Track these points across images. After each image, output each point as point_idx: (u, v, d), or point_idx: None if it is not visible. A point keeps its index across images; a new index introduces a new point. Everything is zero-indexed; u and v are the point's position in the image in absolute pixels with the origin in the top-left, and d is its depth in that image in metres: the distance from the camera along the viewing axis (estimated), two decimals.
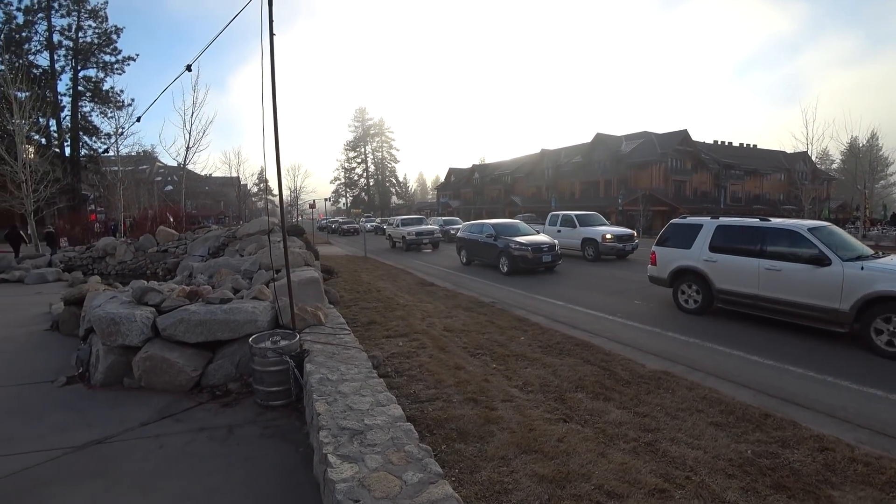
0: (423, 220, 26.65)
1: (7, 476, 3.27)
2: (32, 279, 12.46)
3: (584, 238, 16.40)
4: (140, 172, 41.97)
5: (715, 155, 54.17)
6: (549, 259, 13.36)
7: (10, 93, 18.64)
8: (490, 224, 15.22)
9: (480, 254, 15.17)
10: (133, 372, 4.66)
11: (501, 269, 13.67)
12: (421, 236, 22.91)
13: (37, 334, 6.92)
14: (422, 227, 23.75)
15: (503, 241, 13.76)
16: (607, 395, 4.63)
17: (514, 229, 14.60)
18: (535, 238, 13.95)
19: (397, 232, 24.30)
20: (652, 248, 9.32)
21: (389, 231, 26.14)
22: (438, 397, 4.57)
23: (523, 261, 13.06)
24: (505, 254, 13.50)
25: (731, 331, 7.24)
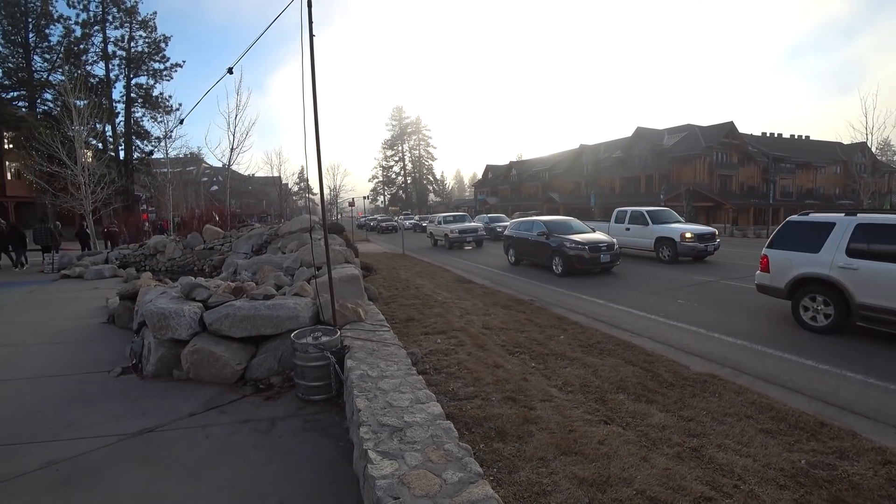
0: (465, 217, 25.69)
1: (69, 459, 3.45)
2: (91, 275, 13.20)
3: (658, 237, 14.60)
4: (187, 173, 43.89)
5: (763, 147, 51.63)
6: (607, 259, 12.34)
7: (71, 101, 19.81)
8: (541, 221, 14.19)
9: (530, 253, 14.25)
10: (182, 364, 4.84)
11: (554, 269, 12.78)
12: (464, 234, 22.05)
13: (95, 327, 7.32)
14: (465, 225, 22.87)
15: (556, 239, 12.85)
16: (650, 397, 4.47)
17: (567, 227, 13.65)
18: (591, 236, 12.87)
19: (439, 230, 23.56)
20: (763, 252, 7.99)
21: (431, 229, 25.39)
22: (477, 395, 4.53)
23: (579, 261, 12.12)
24: (558, 253, 12.60)
25: (783, 332, 6.83)
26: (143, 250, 15.38)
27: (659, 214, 15.56)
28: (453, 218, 24.64)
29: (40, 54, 34.93)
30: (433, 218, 27.00)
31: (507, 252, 15.60)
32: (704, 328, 7.19)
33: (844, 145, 56.59)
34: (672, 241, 14.10)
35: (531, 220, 14.85)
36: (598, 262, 12.24)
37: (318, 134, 4.81)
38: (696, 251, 14.00)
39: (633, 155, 51.13)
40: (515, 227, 15.37)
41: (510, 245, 15.35)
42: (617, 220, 16.44)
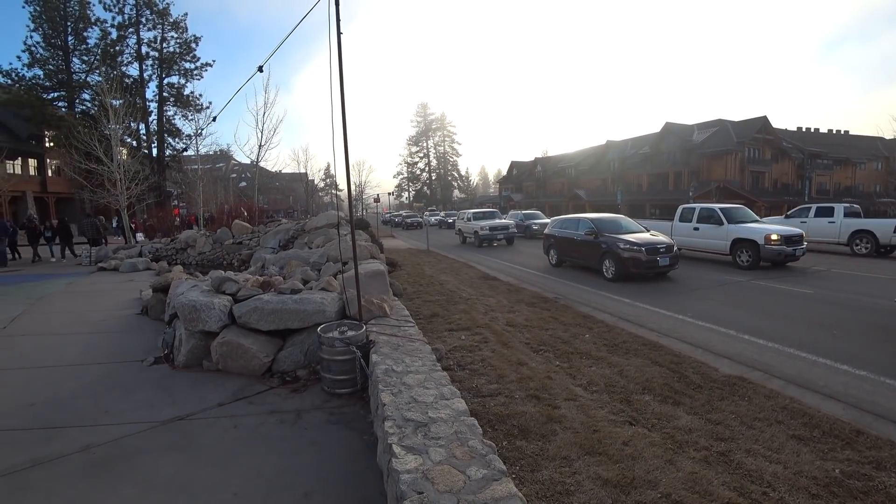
0: (495, 213, 24.55)
1: (105, 443, 3.59)
2: (126, 268, 13.67)
3: (736, 238, 12.73)
4: (217, 170, 45.03)
5: (799, 143, 49.83)
6: (665, 262, 11.05)
7: (107, 101, 20.54)
8: (589, 219, 12.85)
9: (575, 254, 13.07)
10: (211, 355, 4.97)
11: (605, 273, 11.58)
12: (494, 232, 21.09)
13: (129, 317, 7.57)
14: (495, 222, 21.89)
15: (608, 239, 11.59)
16: (677, 398, 4.39)
17: (618, 225, 12.40)
18: (647, 236, 11.59)
19: (469, 226, 22.69)
20: None
21: (460, 225, 24.45)
22: (500, 393, 4.53)
23: (635, 264, 10.86)
24: (610, 255, 11.39)
25: (817, 337, 6.52)
26: (174, 244, 15.83)
27: (735, 212, 13.72)
28: (483, 214, 23.61)
29: (79, 56, 36.25)
30: (462, 214, 25.70)
31: (548, 252, 14.44)
32: None
33: (887, 140, 54.26)
34: (754, 243, 12.27)
35: (577, 218, 13.66)
36: (655, 266, 10.98)
37: (345, 132, 4.85)
38: (783, 255, 12.09)
39: (661, 151, 50.00)
40: (558, 226, 14.20)
41: (552, 245, 14.19)
42: (682, 219, 14.65)
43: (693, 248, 14.24)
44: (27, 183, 32.92)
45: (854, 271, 12.03)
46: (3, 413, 4.14)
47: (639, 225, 12.75)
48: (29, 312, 8.07)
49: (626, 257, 10.98)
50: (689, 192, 40.52)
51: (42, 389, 4.64)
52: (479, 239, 21.26)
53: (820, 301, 8.62)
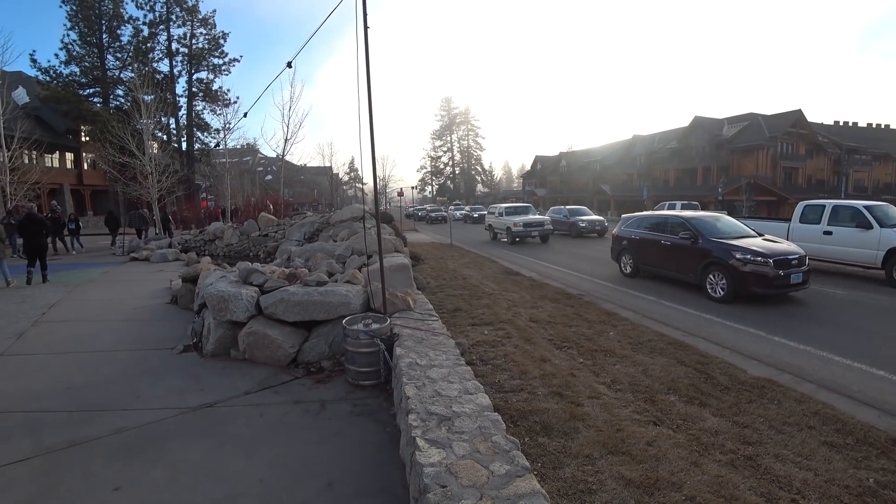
0: (529, 208, 22.76)
1: (137, 427, 3.70)
2: (156, 258, 14.09)
3: (893, 248, 9.70)
4: (244, 163, 45.90)
5: (835, 137, 47.89)
6: (798, 280, 8.41)
7: (140, 96, 21.14)
8: (683, 218, 10.11)
9: (662, 262, 10.33)
10: (238, 345, 5.08)
11: (709, 290, 8.87)
12: (529, 228, 19.67)
13: (160, 306, 7.81)
14: (530, 218, 20.31)
15: (714, 245, 8.92)
16: (703, 400, 4.28)
17: (722, 226, 9.66)
18: (770, 244, 8.91)
19: (500, 222, 21.31)
20: None
21: (491, 221, 22.79)
22: (523, 388, 4.49)
23: (758, 280, 8.22)
24: (720, 267, 8.67)
25: (858, 337, 6.27)
26: (202, 236, 16.22)
27: (884, 212, 10.47)
28: (516, 209, 21.92)
29: (112, 53, 37.29)
30: (494, 209, 23.56)
31: (620, 259, 11.60)
32: None
33: None
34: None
35: (662, 217, 10.93)
36: (787, 284, 8.36)
37: (371, 126, 4.86)
38: None
39: (689, 145, 48.84)
40: (635, 225, 11.39)
41: (624, 250, 11.33)
42: (806, 219, 11.55)
43: (822, 258, 11.03)
44: (64, 176, 34.21)
45: None
46: (43, 395, 4.32)
47: (745, 227, 10.02)
48: (66, 300, 8.40)
49: (745, 271, 8.34)
50: (717, 188, 39.54)
51: (78, 374, 4.82)
52: (511, 236, 19.92)
53: None
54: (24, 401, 4.22)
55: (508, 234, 20.27)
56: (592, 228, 22.59)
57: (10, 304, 8.03)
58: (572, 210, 24.38)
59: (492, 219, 22.92)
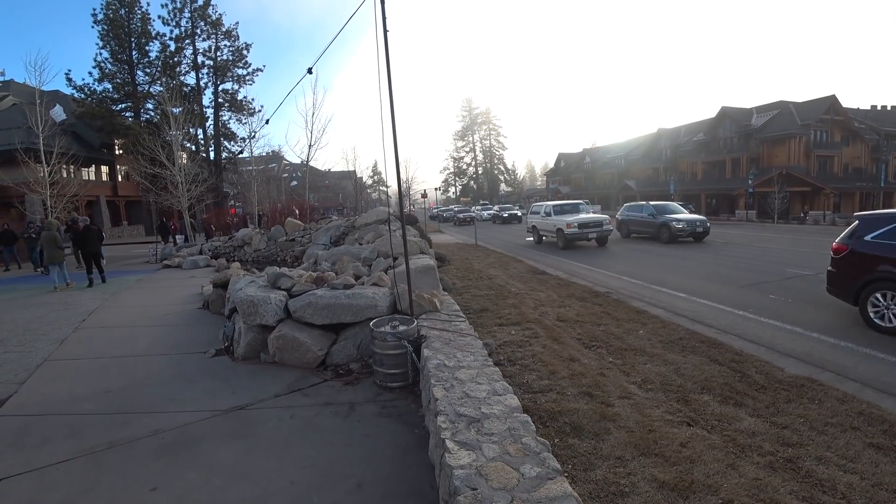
0: (580, 205, 19.46)
1: (172, 429, 3.80)
2: (188, 265, 14.49)
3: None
4: (269, 170, 46.80)
5: (873, 123, 45.72)
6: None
7: (169, 109, 21.81)
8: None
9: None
10: (268, 348, 5.16)
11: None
12: (586, 230, 16.75)
13: (192, 312, 8.03)
14: (586, 217, 17.43)
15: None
16: (738, 399, 4.14)
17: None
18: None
19: (548, 223, 18.55)
20: None
21: (535, 221, 19.94)
22: (552, 389, 4.42)
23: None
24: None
25: None
26: (232, 242, 16.62)
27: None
28: (566, 207, 18.93)
29: (142, 69, 38.49)
30: (538, 207, 20.59)
31: (863, 300, 6.44)
32: None
33: None
34: None
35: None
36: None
37: (394, 129, 4.87)
38: None
39: (716, 137, 47.59)
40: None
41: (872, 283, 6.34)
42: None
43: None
44: (100, 188, 35.58)
45: None
46: (83, 398, 4.48)
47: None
48: (104, 307, 8.72)
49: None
50: (748, 180, 38.30)
51: (116, 378, 4.98)
52: (564, 239, 16.99)
53: None
54: (66, 403, 4.38)
55: (560, 237, 17.36)
56: (692, 230, 16.85)
57: (53, 312, 8.38)
58: (659, 207, 18.49)
59: (536, 219, 20.02)
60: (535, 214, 20.53)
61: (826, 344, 5.83)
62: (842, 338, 6.00)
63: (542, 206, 20.27)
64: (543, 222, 19.10)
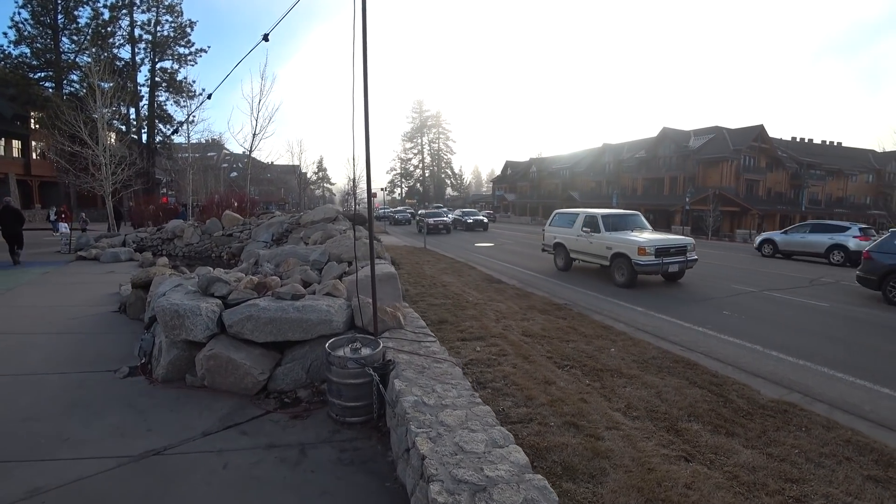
0: (638, 216, 12.62)
1: (58, 488, 2.84)
2: (107, 258, 12.81)
3: None
4: (208, 159, 43.85)
5: (793, 153, 50.11)
6: None
7: (95, 83, 19.54)
8: None
9: None
10: (196, 369, 4.23)
11: None
12: (667, 258, 10.53)
13: (105, 315, 6.79)
14: (664, 239, 11.23)
15: None
16: (728, 428, 3.94)
17: None
18: None
19: (593, 242, 11.88)
20: None
21: (561, 237, 13.24)
22: (532, 418, 3.92)
23: None
24: None
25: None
26: (160, 234, 15.00)
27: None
28: (621, 220, 12.16)
29: (68, 36, 34.96)
30: (567, 217, 13.60)
31: None
32: None
33: (878, 153, 54.79)
34: None
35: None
36: None
37: (367, 120, 4.18)
38: None
39: (657, 155, 50.10)
40: None
41: None
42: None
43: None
44: (10, 165, 31.73)
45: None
46: None
47: None
48: None
49: None
50: (685, 198, 40.38)
51: None
52: (630, 271, 10.60)
53: None
54: None
55: (621, 267, 10.87)
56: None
57: None
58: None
59: (563, 234, 13.25)
60: (561, 227, 13.50)
61: (786, 363, 5.95)
62: (798, 356, 6.18)
63: (579, 215, 12.91)
64: (582, 241, 12.32)
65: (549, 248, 14.10)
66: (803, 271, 14.35)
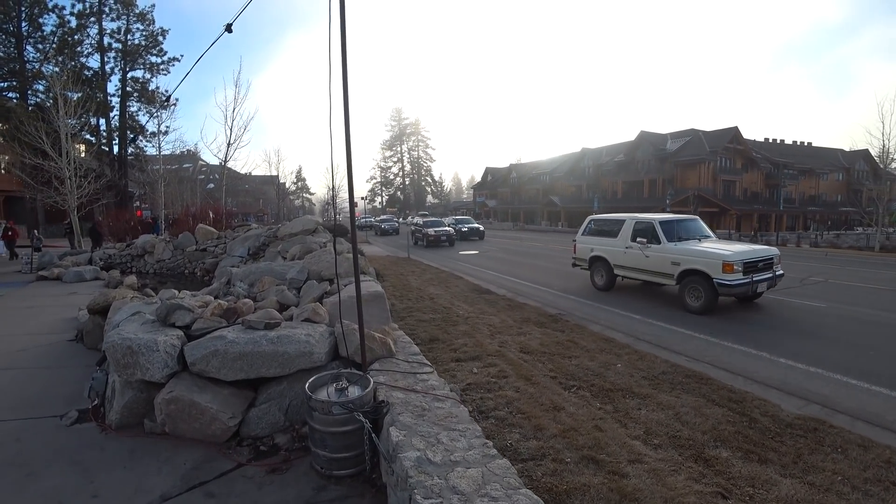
0: (697, 223, 10.33)
1: None
2: (70, 277, 11.97)
3: None
4: (183, 171, 42.55)
5: (767, 153, 51.32)
6: None
7: (58, 92, 18.57)
8: None
9: None
10: (155, 413, 3.59)
11: None
12: (756, 275, 8.34)
13: (59, 345, 6.09)
14: (750, 250, 8.81)
15: None
16: (760, 453, 3.59)
17: None
18: None
19: (652, 256, 9.46)
20: None
21: (603, 249, 10.81)
22: (545, 453, 3.46)
23: None
24: None
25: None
26: (130, 250, 14.18)
27: None
28: (682, 226, 9.92)
29: (33, 44, 33.50)
30: (607, 223, 11.23)
31: None
32: None
33: (846, 152, 56.52)
34: None
35: None
36: None
37: (347, 129, 3.70)
38: None
39: (636, 159, 50.71)
40: None
41: None
42: None
43: None
44: None
45: None
46: None
47: None
48: None
49: None
50: (665, 200, 40.74)
51: None
52: (710, 294, 8.31)
53: None
54: None
55: (701, 288, 8.45)
56: None
57: None
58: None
59: (604, 244, 10.84)
60: (599, 237, 11.05)
61: (797, 370, 5.71)
62: (809, 362, 5.94)
63: (625, 221, 10.39)
64: (633, 254, 9.87)
65: (581, 262, 11.55)
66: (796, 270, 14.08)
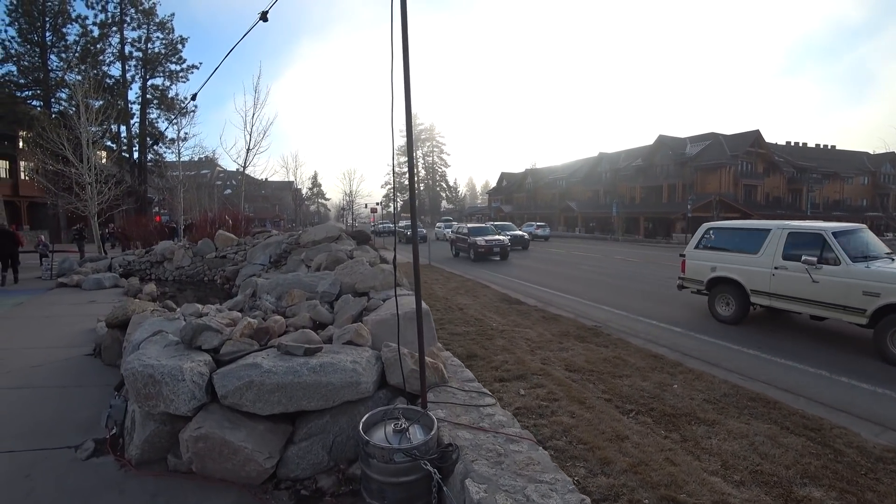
0: (865, 232, 7.55)
1: None
2: (90, 284, 11.73)
3: None
4: (201, 177, 42.87)
5: (789, 157, 50.06)
6: None
7: (80, 100, 18.64)
8: None
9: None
10: (181, 449, 3.14)
11: None
12: None
13: (76, 360, 5.72)
14: None
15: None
16: (858, 494, 3.22)
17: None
18: None
19: (804, 282, 6.94)
20: None
21: (733, 271, 8.00)
22: (619, 493, 3.02)
23: None
24: None
25: None
26: (149, 257, 13.95)
27: None
28: (858, 237, 7.28)
29: (57, 53, 34.13)
30: (739, 234, 8.28)
31: None
32: None
33: (872, 155, 54.98)
34: None
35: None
36: None
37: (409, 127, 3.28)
38: None
39: (654, 163, 49.86)
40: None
41: None
42: None
43: None
44: None
45: None
46: None
47: None
48: None
49: None
50: (686, 205, 39.82)
51: None
52: None
53: None
54: None
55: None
56: None
57: None
58: None
59: (736, 262, 8.09)
60: (727, 252, 8.37)
61: (859, 389, 5.40)
62: (875, 383, 5.53)
63: (771, 231, 7.74)
64: (791, 277, 7.24)
65: (696, 283, 8.84)
66: None
